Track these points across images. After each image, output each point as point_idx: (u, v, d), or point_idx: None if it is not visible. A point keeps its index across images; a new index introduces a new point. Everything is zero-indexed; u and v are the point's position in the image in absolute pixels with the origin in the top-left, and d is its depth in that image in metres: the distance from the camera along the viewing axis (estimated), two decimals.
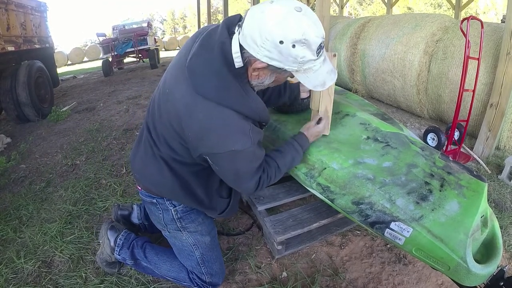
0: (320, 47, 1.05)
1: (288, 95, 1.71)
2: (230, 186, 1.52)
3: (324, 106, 1.56)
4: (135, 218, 2.05)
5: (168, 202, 1.51)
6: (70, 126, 4.80)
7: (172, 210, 1.52)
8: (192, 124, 1.16)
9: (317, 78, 1.13)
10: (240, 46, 1.09)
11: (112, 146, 3.85)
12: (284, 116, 1.93)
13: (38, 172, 3.28)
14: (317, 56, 1.06)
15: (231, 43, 1.10)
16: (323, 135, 1.62)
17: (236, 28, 1.12)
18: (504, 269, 1.26)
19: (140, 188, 1.57)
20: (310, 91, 1.67)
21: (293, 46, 1.00)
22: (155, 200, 1.53)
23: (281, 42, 0.99)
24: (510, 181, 2.76)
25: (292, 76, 1.18)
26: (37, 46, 5.78)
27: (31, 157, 3.71)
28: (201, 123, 1.15)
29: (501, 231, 1.39)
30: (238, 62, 1.10)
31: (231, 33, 1.13)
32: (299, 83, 1.70)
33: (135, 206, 2.08)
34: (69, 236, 2.18)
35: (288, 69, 1.08)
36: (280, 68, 1.08)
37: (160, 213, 1.55)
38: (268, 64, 1.07)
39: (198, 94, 1.14)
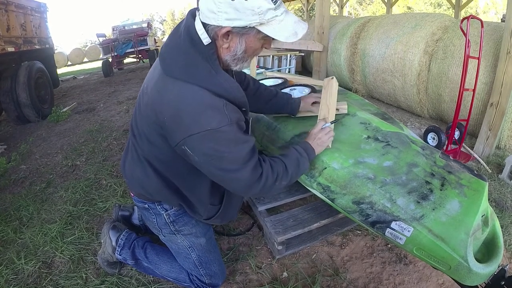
0: None
1: (289, 109, 1.73)
2: (224, 187, 1.39)
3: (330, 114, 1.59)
4: (135, 219, 2.05)
5: (159, 207, 1.50)
6: (70, 126, 4.80)
7: (164, 214, 1.51)
8: (165, 108, 1.14)
9: (286, 28, 1.12)
10: (203, 23, 1.11)
11: (112, 146, 3.85)
12: (284, 116, 1.93)
13: (38, 173, 3.28)
14: (274, 4, 1.07)
15: (195, 25, 1.13)
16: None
17: (197, 12, 1.16)
18: (505, 268, 1.26)
19: (132, 194, 1.57)
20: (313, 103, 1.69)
21: None
22: (147, 205, 1.52)
23: None
24: (510, 180, 2.76)
25: (265, 37, 1.16)
26: (37, 46, 5.79)
27: (32, 158, 3.71)
28: (172, 104, 1.13)
29: (502, 230, 1.39)
30: (205, 38, 1.12)
31: (194, 18, 1.16)
32: (300, 98, 1.72)
33: (135, 208, 2.08)
34: (70, 236, 2.18)
35: (251, 24, 1.08)
36: (244, 27, 1.09)
37: (154, 218, 1.54)
38: (232, 27, 1.08)
39: (167, 75, 1.16)
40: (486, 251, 1.31)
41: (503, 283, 1.24)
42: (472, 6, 21.21)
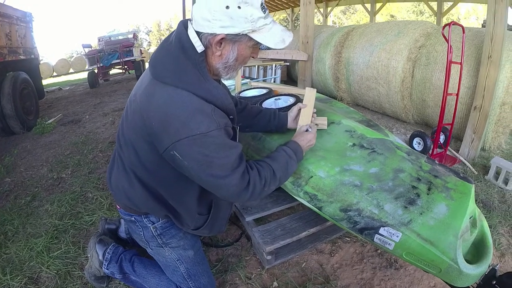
0: (262, 6, 1.15)
1: (276, 122, 1.72)
2: (211, 192, 1.32)
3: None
4: (122, 232, 2.01)
5: (146, 220, 1.47)
6: (56, 138, 4.73)
7: (151, 227, 1.48)
8: (153, 113, 1.14)
9: (275, 35, 1.19)
10: (196, 32, 1.16)
11: (98, 159, 3.80)
12: None
13: (23, 186, 3.21)
14: (264, 13, 1.14)
15: (187, 34, 1.17)
16: None
17: (189, 22, 1.21)
18: (496, 268, 1.27)
19: (119, 206, 1.54)
20: (298, 115, 1.69)
21: (239, 7, 1.09)
22: (133, 218, 1.49)
23: (227, 7, 1.08)
24: (496, 181, 2.80)
25: (255, 46, 1.22)
26: (22, 57, 5.71)
27: (16, 171, 3.63)
28: (161, 108, 1.13)
29: (490, 230, 1.41)
30: (198, 46, 1.15)
31: (186, 28, 1.20)
32: (287, 113, 1.73)
33: (122, 221, 2.04)
34: (56, 251, 2.13)
35: (244, 32, 1.13)
36: (237, 35, 1.13)
37: (140, 231, 1.51)
38: (226, 35, 1.12)
39: (157, 80, 1.18)
40: (476, 252, 1.33)
41: (494, 282, 1.25)
42: (453, 13, 21.70)
